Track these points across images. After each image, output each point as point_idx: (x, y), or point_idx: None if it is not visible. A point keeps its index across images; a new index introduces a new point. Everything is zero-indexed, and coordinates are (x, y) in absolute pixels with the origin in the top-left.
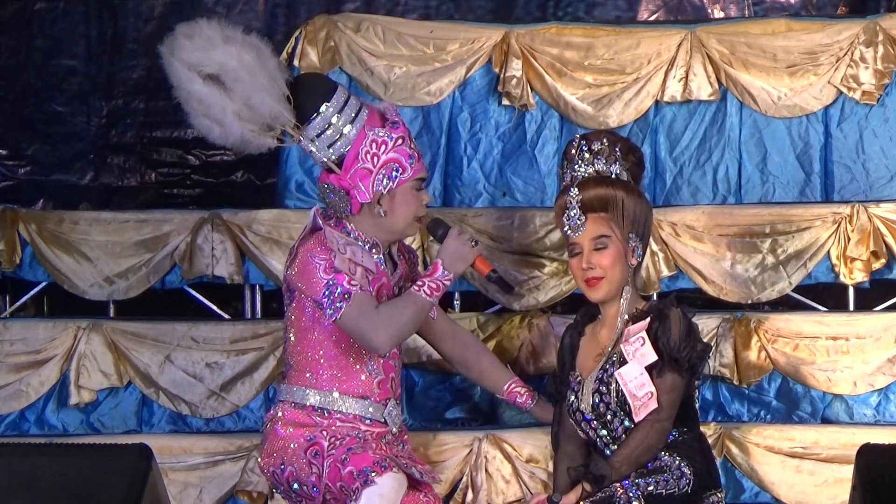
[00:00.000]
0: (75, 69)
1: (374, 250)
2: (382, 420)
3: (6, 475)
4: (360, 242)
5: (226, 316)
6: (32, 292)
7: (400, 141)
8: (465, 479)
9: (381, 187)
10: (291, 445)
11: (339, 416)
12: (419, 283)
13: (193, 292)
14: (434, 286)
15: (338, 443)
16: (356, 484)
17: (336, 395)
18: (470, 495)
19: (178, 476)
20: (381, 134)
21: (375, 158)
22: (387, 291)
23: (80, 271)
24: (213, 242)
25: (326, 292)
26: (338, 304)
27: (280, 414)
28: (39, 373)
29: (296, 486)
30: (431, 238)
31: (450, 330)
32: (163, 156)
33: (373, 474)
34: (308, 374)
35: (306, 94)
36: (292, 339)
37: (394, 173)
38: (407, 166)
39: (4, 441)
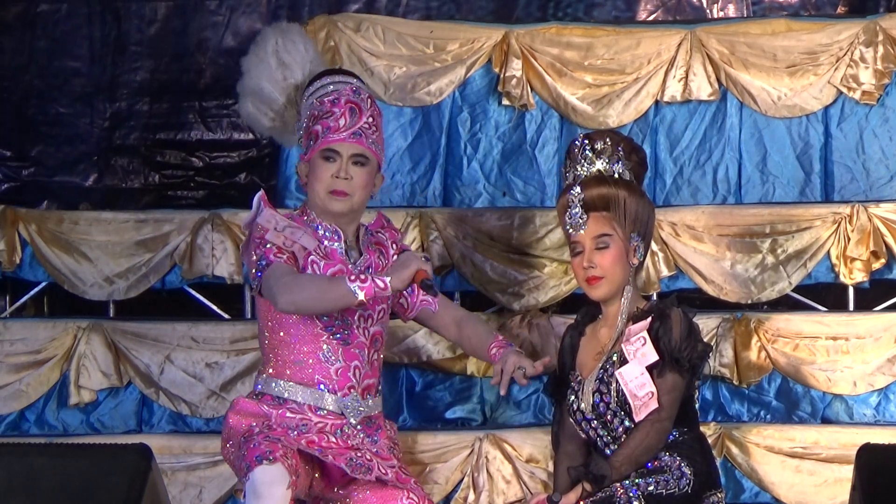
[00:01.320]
0: (79, 71)
1: (335, 237)
2: (339, 411)
3: (6, 475)
4: (319, 228)
5: (226, 316)
6: (32, 292)
7: (328, 113)
8: (465, 479)
9: (303, 160)
10: (235, 433)
11: (291, 405)
12: (359, 273)
13: (193, 292)
14: (363, 279)
15: (264, 432)
16: (244, 476)
17: (289, 383)
18: (471, 496)
19: (178, 476)
20: (315, 106)
21: (307, 132)
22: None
23: (80, 271)
24: (213, 242)
25: (255, 269)
26: (258, 275)
27: (236, 405)
28: (39, 373)
29: None
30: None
31: (451, 318)
32: (166, 158)
33: (250, 468)
34: (269, 363)
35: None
36: (259, 328)
37: (310, 143)
38: (321, 136)
39: (4, 441)
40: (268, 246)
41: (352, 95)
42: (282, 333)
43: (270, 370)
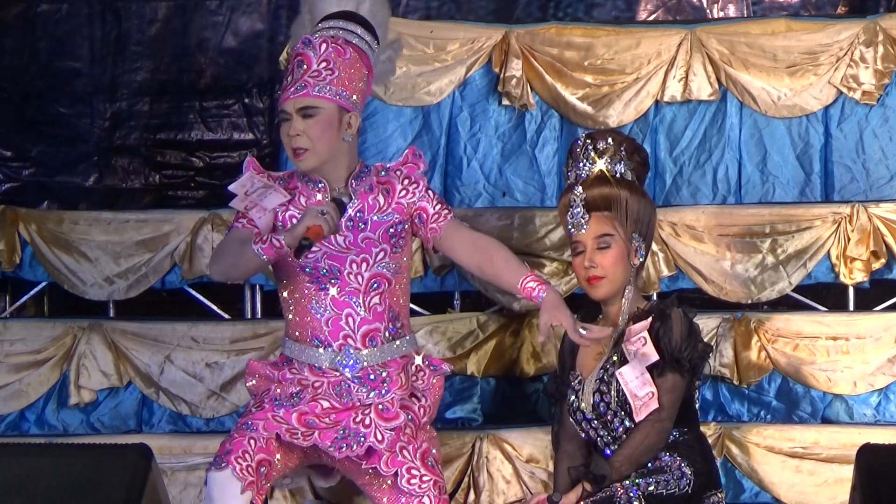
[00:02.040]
0: (79, 71)
1: (319, 188)
2: (334, 367)
3: (6, 475)
4: (309, 183)
5: (226, 316)
6: (32, 292)
7: (287, 73)
8: (465, 479)
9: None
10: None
11: (294, 365)
12: (267, 235)
13: (193, 292)
14: (265, 240)
15: (253, 409)
16: None
17: (291, 342)
18: (472, 496)
19: (178, 476)
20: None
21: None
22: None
23: (80, 271)
24: (213, 242)
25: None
26: None
27: (248, 367)
28: (39, 373)
29: None
30: None
31: (461, 239)
32: (167, 158)
33: (206, 472)
34: (285, 323)
35: None
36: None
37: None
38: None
39: (4, 441)
40: (238, 212)
41: (301, 48)
42: (284, 293)
43: (285, 329)
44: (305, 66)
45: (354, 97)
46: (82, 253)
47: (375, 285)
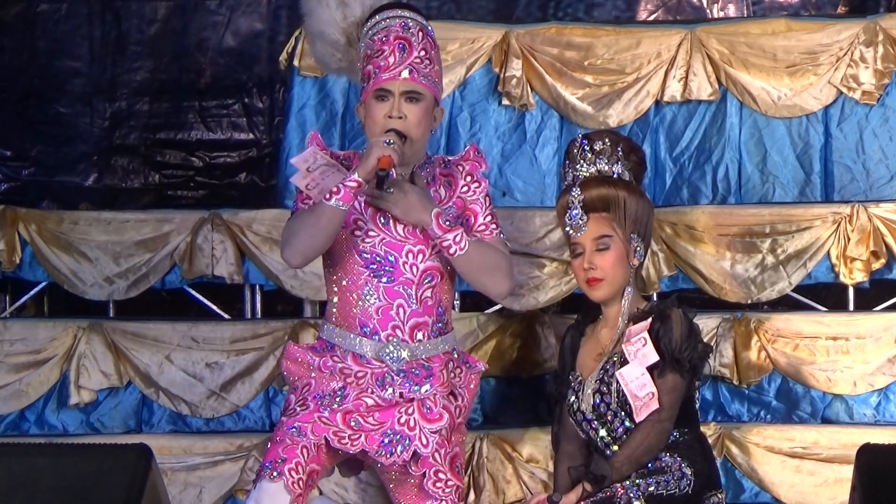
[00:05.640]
0: (79, 71)
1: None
2: (378, 359)
3: (6, 475)
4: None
5: (226, 316)
6: (32, 292)
7: (378, 52)
8: (466, 479)
9: (360, 100)
10: (291, 380)
11: (336, 352)
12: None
13: (193, 292)
14: (336, 189)
15: (297, 408)
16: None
17: (335, 328)
18: (472, 496)
19: (178, 476)
20: (367, 45)
21: (362, 73)
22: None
23: (80, 271)
24: (213, 242)
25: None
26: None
27: (286, 351)
28: (39, 373)
29: None
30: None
31: None
32: (166, 157)
33: (259, 474)
34: (327, 306)
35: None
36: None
37: (364, 84)
38: (372, 76)
39: (4, 441)
40: (299, 192)
41: (401, 31)
42: (333, 276)
43: (328, 313)
44: (409, 50)
45: (441, 92)
46: (82, 253)
47: (429, 278)
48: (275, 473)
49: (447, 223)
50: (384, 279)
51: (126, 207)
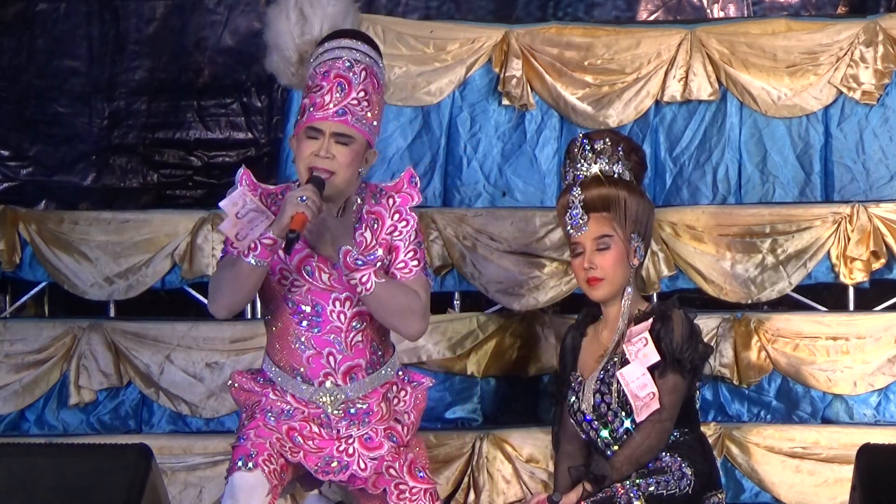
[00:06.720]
0: (77, 70)
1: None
2: (313, 402)
3: (6, 475)
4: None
5: None
6: (32, 292)
7: (317, 87)
8: (465, 479)
9: (294, 132)
10: (241, 405)
11: (276, 387)
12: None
13: (193, 292)
14: (253, 246)
15: (246, 422)
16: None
17: (274, 366)
18: (472, 496)
19: (178, 476)
20: (310, 76)
21: (301, 102)
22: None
23: (80, 271)
24: (212, 242)
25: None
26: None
27: (233, 379)
28: (39, 373)
29: None
30: None
31: None
32: (165, 157)
33: (230, 469)
34: (268, 341)
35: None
36: None
37: (299, 117)
38: (307, 111)
39: (4, 441)
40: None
41: (343, 69)
42: (266, 317)
43: (269, 347)
44: (347, 91)
45: (376, 135)
46: (82, 253)
47: (358, 324)
48: (250, 465)
49: (356, 262)
50: (314, 329)
51: (125, 207)
